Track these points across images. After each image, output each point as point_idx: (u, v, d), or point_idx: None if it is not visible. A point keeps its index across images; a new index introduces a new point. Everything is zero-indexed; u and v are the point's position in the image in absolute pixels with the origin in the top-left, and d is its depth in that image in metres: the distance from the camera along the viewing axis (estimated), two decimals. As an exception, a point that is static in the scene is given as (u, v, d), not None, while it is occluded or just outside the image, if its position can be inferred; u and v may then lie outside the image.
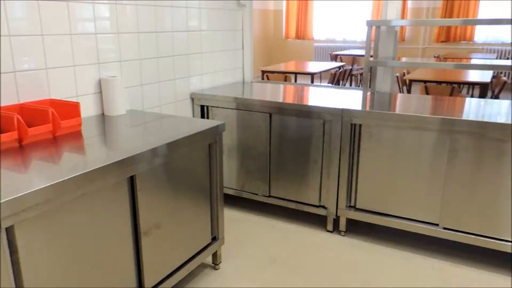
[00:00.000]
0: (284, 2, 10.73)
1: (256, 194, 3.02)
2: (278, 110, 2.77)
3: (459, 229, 2.42)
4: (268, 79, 5.41)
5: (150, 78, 2.69)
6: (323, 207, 2.80)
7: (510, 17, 2.43)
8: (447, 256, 2.54)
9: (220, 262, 2.43)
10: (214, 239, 2.33)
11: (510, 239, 2.30)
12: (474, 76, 5.13)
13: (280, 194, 2.94)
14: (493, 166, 2.25)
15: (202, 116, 3.11)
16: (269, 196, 2.98)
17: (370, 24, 2.85)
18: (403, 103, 2.82)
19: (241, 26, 3.48)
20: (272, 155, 2.89)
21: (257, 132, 2.89)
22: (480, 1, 8.61)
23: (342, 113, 2.56)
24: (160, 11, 2.66)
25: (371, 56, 3.01)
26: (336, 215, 2.76)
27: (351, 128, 2.58)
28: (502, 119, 2.23)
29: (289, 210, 3.07)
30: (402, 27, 9.57)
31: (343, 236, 2.78)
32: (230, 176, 3.09)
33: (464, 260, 2.50)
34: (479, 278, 2.32)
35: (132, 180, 1.72)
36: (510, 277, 2.33)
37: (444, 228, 2.46)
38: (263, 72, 5.74)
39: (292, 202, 2.91)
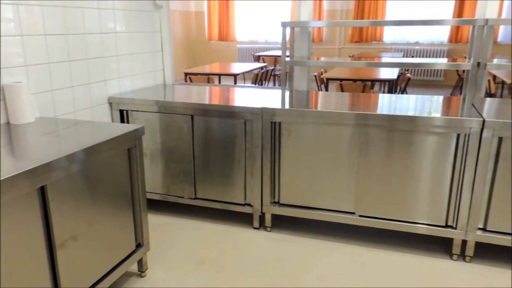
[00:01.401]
0: (205, 4, 10.72)
1: (182, 197, 3.00)
2: (199, 112, 2.77)
3: (374, 216, 2.62)
4: (191, 81, 5.38)
5: (61, 83, 2.55)
6: (249, 205, 2.86)
7: (412, 19, 2.68)
8: (364, 242, 2.72)
9: (147, 269, 2.38)
10: (138, 246, 2.28)
11: (421, 222, 2.53)
12: (384, 74, 5.55)
13: (206, 196, 2.95)
14: (402, 155, 2.46)
15: (122, 121, 3.01)
16: (195, 198, 2.97)
17: (284, 25, 2.96)
18: (319, 100, 2.97)
19: (159, 27, 3.42)
20: (196, 157, 2.88)
21: (180, 135, 2.87)
22: (387, 1, 9.30)
23: (262, 112, 2.64)
24: (69, 12, 2.53)
25: (288, 56, 3.13)
26: (262, 212, 2.83)
27: (271, 126, 2.66)
28: (410, 112, 2.45)
29: (216, 211, 3.09)
30: (319, 28, 10.04)
31: (269, 231, 2.86)
32: (154, 181, 3.03)
33: (379, 244, 2.69)
34: (395, 259, 2.53)
35: (43, 190, 1.62)
36: (422, 256, 2.56)
37: (360, 216, 2.64)
38: (186, 74, 5.70)
39: (218, 203, 2.93)
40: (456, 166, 2.38)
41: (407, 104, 2.72)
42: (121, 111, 2.98)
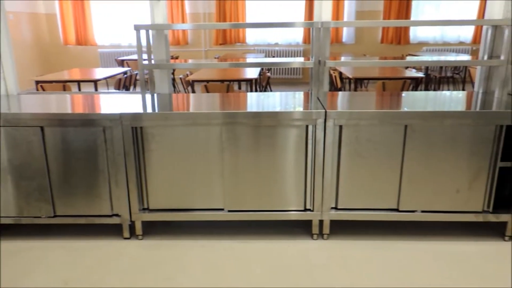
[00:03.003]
0: (57, 5, 9.84)
1: (39, 217, 2.72)
2: (50, 122, 2.55)
3: (242, 209, 2.74)
4: (43, 90, 4.90)
5: None
6: (117, 215, 2.74)
7: (270, 22, 2.85)
8: (236, 235, 2.83)
9: (-1, 303, 2.12)
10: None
11: (284, 209, 2.73)
12: (250, 74, 5.82)
13: (68, 212, 2.73)
14: (261, 149, 2.62)
15: (-46, 139, 2.60)
16: (55, 216, 2.73)
17: (138, 28, 2.90)
18: (181, 102, 2.99)
19: (-6, 31, 3.04)
20: (51, 172, 2.65)
21: (29, 149, 2.60)
22: (247, 4, 9.75)
23: (121, 118, 2.54)
24: None
25: (145, 60, 3.07)
26: (131, 221, 2.74)
27: (132, 132, 2.58)
28: (273, 108, 2.61)
29: (81, 226, 2.88)
30: (184, 31, 10.05)
31: (141, 239, 2.78)
32: (5, 203, 2.69)
33: (250, 235, 2.83)
34: (264, 247, 2.68)
35: None
36: (287, 240, 2.76)
37: (229, 211, 2.74)
38: (38, 82, 5.17)
39: (82, 217, 2.74)
40: (308, 154, 2.63)
41: (263, 101, 2.91)
42: (-48, 128, 2.58)
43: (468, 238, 2.73)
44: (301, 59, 3.13)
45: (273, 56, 9.98)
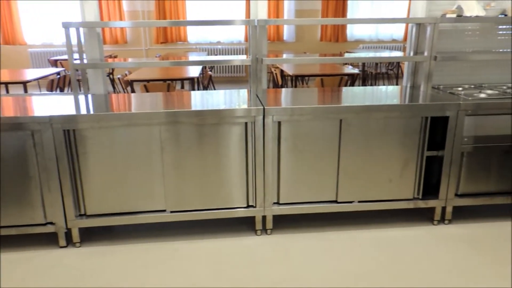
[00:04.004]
0: (-20, 2, 9.13)
1: (-38, 230, 2.52)
2: (-29, 127, 2.36)
3: (184, 209, 2.71)
4: (-34, 93, 4.52)
5: None
6: (51, 223, 2.60)
7: (212, 19, 2.83)
8: (180, 236, 2.79)
9: None
10: None
11: (227, 206, 2.73)
12: (193, 72, 5.74)
13: (-4, 222, 2.55)
14: (201, 147, 2.60)
15: None
16: (-19, 228, 2.54)
17: (66, 26, 2.77)
18: (118, 103, 2.89)
19: None
20: (-26, 180, 2.46)
21: None
22: (186, 2, 9.62)
23: (51, 121, 2.41)
24: None
25: (77, 59, 2.94)
26: (67, 228, 2.61)
27: (65, 135, 2.46)
28: (212, 106, 2.59)
29: (14, 237, 2.70)
30: (122, 29, 9.73)
31: (79, 247, 2.66)
32: None
33: (194, 235, 2.81)
34: (208, 246, 2.67)
35: None
36: (232, 237, 2.77)
37: (171, 212, 2.69)
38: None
39: (12, 228, 2.57)
40: (248, 151, 2.65)
41: (202, 99, 2.89)
42: None
43: (401, 224, 2.90)
44: (243, 57, 3.15)
45: (216, 55, 9.94)
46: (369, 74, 8.67)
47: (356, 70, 5.53)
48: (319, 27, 10.29)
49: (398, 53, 9.35)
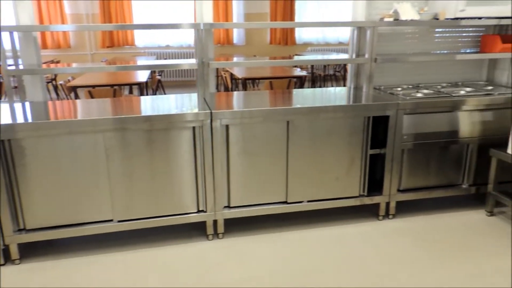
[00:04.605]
0: None
1: None
2: None
3: (132, 218, 2.63)
4: None
5: None
6: (-14, 240, 2.43)
7: (158, 23, 2.76)
8: (129, 245, 2.71)
9: None
10: None
11: (177, 213, 2.68)
12: (140, 77, 5.60)
13: None
14: (148, 154, 2.53)
15: None
16: None
17: (-2, 30, 2.61)
18: (57, 110, 2.76)
19: None
20: None
21: None
22: (133, 4, 9.40)
23: (-17, 131, 2.27)
24: None
25: (11, 65, 2.78)
26: (4, 244, 2.46)
27: (-1, 145, 2.32)
28: (160, 112, 2.53)
29: None
30: (65, 33, 9.34)
31: (19, 264, 2.51)
32: None
33: (143, 243, 2.74)
34: (159, 254, 2.61)
35: None
36: (184, 244, 2.72)
37: (119, 221, 2.61)
38: None
39: None
40: (197, 155, 2.62)
41: (149, 104, 2.83)
42: None
43: (349, 221, 2.99)
44: (192, 60, 3.11)
45: (166, 59, 9.78)
46: (318, 76, 8.89)
47: (304, 73, 5.65)
48: (268, 30, 10.42)
49: (344, 56, 9.66)
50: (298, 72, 5.74)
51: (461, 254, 2.57)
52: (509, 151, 2.78)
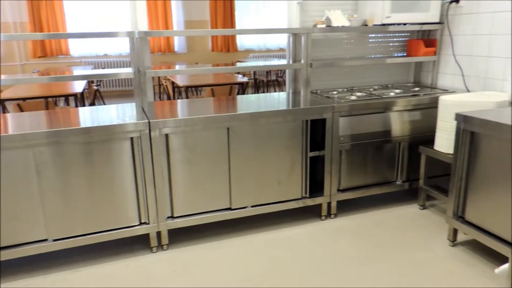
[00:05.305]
0: None
1: None
2: None
3: (70, 235, 2.50)
4: None
5: None
6: None
7: (97, 31, 2.64)
8: (66, 265, 2.58)
9: None
10: None
11: (118, 227, 2.59)
12: (76, 88, 5.35)
13: None
14: (91, 167, 2.43)
15: None
16: None
17: None
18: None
19: None
20: None
21: None
22: (65, 8, 9.00)
23: None
24: None
25: None
26: None
27: None
28: (95, 123, 2.43)
29: None
30: (-9, 43, 8.73)
31: None
32: None
33: (84, 262, 2.61)
34: (101, 271, 2.50)
35: None
36: (126, 258, 2.63)
37: (54, 240, 2.47)
38: None
39: None
40: (136, 167, 2.56)
41: (84, 116, 2.72)
42: None
43: (293, 223, 3.05)
44: (128, 69, 3.03)
45: (103, 68, 9.45)
46: (261, 82, 9.01)
47: (245, 79, 5.71)
48: (210, 37, 10.42)
49: (283, 62, 9.90)
50: (240, 78, 5.79)
51: (397, 246, 2.71)
52: (436, 147, 2.99)
